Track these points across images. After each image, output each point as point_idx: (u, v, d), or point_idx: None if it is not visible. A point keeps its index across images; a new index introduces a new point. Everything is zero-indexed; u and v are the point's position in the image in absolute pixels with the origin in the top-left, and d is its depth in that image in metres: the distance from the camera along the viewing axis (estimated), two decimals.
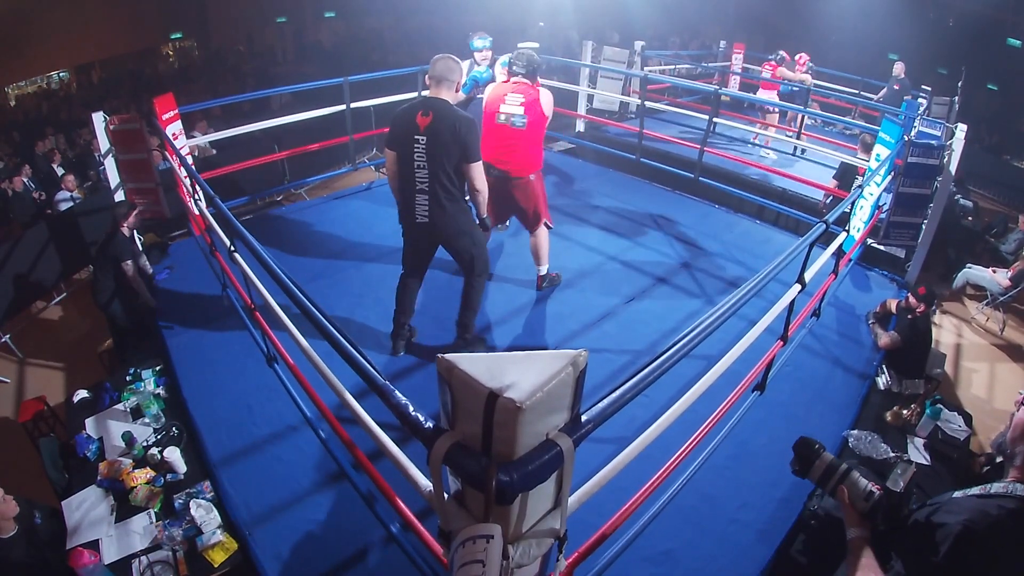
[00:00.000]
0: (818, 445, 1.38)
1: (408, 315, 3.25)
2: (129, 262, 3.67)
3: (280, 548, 2.31)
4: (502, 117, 3.39)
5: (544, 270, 3.86)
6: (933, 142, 4.17)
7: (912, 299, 3.44)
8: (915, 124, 4.52)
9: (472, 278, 3.10)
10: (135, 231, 3.92)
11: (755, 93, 7.67)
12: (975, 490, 1.16)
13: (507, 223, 4.63)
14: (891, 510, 1.27)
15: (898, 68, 7.73)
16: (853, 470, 1.33)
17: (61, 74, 13.02)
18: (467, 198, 2.97)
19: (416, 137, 2.70)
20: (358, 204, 5.23)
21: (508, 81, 3.44)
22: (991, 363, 5.04)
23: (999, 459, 1.20)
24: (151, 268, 4.12)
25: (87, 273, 5.83)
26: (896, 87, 7.74)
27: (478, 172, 2.80)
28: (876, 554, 1.25)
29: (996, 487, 1.12)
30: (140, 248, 4.14)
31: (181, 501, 2.53)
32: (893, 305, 3.69)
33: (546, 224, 3.69)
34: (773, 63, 7.35)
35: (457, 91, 2.81)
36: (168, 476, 2.67)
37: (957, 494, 1.19)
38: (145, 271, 4.01)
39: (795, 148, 6.85)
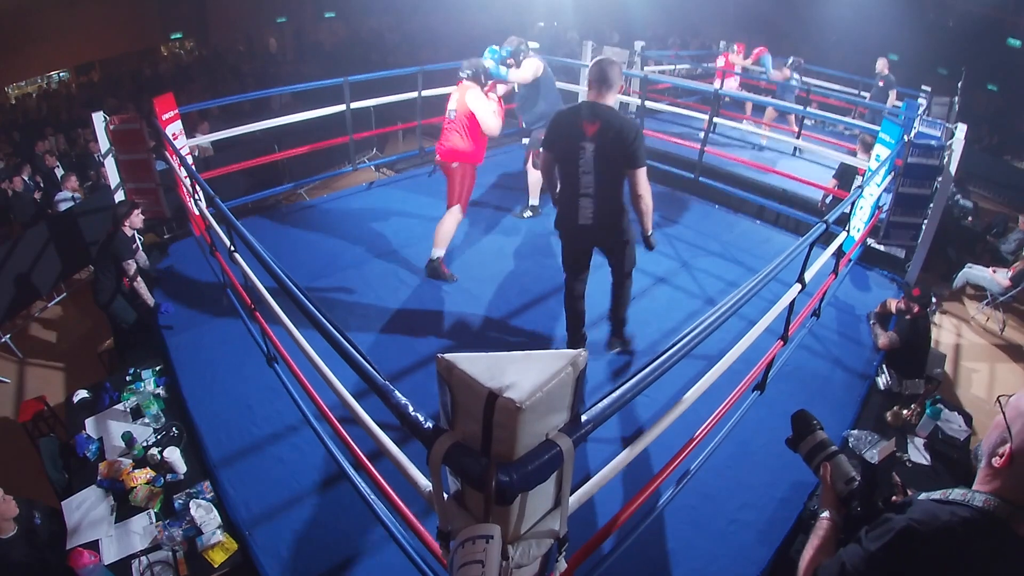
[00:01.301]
0: (816, 422, 1.39)
1: (583, 321, 3.28)
2: (131, 261, 3.66)
3: (280, 548, 2.32)
4: (447, 112, 3.80)
5: (435, 253, 3.99)
6: (933, 142, 4.16)
7: (907, 300, 3.44)
8: (915, 124, 4.50)
9: (624, 277, 3.12)
10: (136, 231, 3.91)
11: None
12: (937, 494, 1.15)
13: (540, 209, 4.95)
14: (866, 485, 1.27)
15: (881, 64, 7.71)
16: (841, 454, 1.35)
17: (61, 74, 13.02)
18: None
19: (582, 144, 2.68)
20: (358, 204, 5.23)
21: (460, 83, 3.78)
22: (991, 363, 5.03)
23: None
24: (148, 264, 4.11)
25: (87, 273, 5.82)
26: (880, 83, 7.76)
27: (642, 177, 2.74)
28: (839, 541, 1.25)
29: (955, 493, 1.09)
30: (140, 248, 4.14)
31: (181, 501, 2.53)
32: (893, 305, 3.69)
33: (460, 209, 3.92)
34: (726, 53, 7.80)
35: (620, 92, 2.83)
36: (168, 476, 2.67)
37: (922, 496, 1.19)
38: (142, 268, 4.00)
39: (795, 148, 6.85)
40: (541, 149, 2.94)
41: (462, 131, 3.72)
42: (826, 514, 1.31)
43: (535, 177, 4.81)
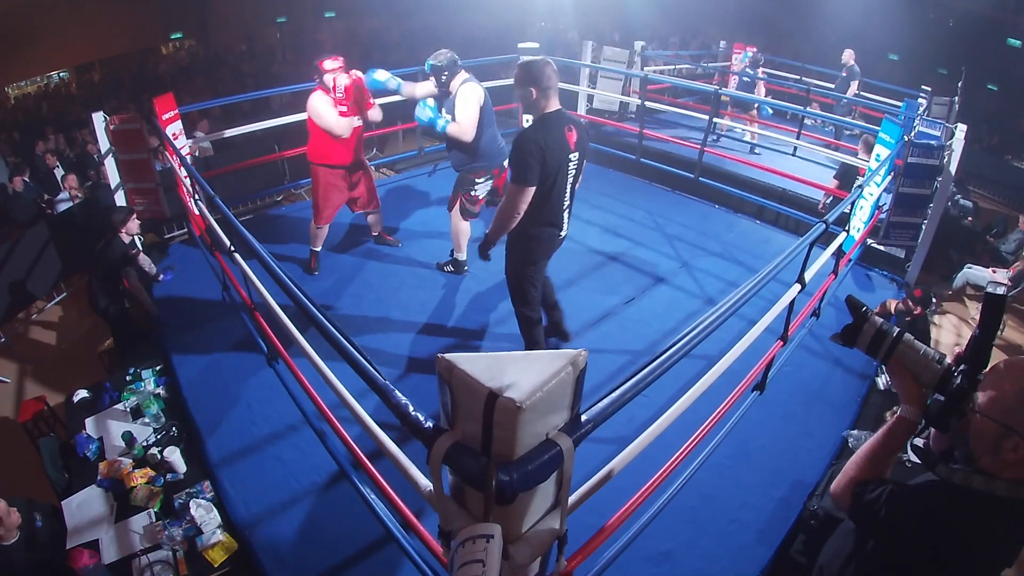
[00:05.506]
0: (865, 307, 1.24)
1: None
2: (129, 268, 3.63)
3: (280, 548, 2.32)
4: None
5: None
6: (933, 142, 4.17)
7: (909, 301, 3.44)
8: (915, 124, 4.50)
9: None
10: (134, 235, 3.90)
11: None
12: (958, 478, 1.16)
13: (467, 266, 4.18)
14: (991, 321, 1.14)
15: (847, 55, 7.90)
16: (907, 334, 1.19)
17: (61, 74, 13.02)
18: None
19: (570, 157, 2.56)
20: None
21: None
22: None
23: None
24: (154, 268, 4.11)
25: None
26: (844, 74, 7.91)
27: None
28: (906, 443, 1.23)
29: (976, 481, 1.12)
30: (140, 250, 4.13)
31: (181, 501, 2.53)
32: (893, 306, 3.69)
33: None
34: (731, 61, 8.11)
35: None
36: (168, 476, 2.67)
37: (935, 476, 1.19)
38: (146, 271, 4.00)
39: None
40: (523, 184, 2.47)
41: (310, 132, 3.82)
42: (905, 411, 1.21)
43: (463, 227, 3.94)
